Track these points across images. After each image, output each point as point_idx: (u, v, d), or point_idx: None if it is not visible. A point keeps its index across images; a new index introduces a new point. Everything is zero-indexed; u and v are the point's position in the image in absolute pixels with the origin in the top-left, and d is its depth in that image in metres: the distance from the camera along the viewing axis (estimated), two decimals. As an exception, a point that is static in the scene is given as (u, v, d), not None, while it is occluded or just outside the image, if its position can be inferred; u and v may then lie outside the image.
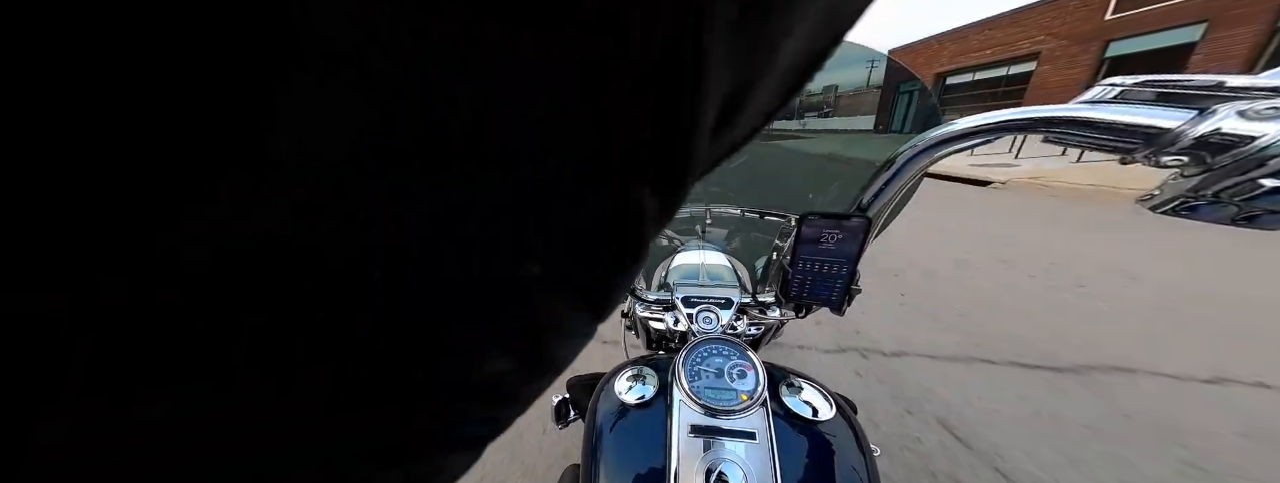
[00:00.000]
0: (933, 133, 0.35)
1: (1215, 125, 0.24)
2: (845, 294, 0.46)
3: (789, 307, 0.56)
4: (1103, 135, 0.27)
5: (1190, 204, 0.27)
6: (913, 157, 0.37)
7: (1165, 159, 0.26)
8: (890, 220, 0.53)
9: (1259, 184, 0.23)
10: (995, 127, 0.32)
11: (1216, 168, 0.25)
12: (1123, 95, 0.28)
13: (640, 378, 0.46)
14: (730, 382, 0.42)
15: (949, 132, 0.34)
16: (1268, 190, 0.23)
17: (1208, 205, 0.26)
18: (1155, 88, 0.27)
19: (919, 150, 0.36)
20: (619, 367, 0.49)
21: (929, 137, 0.35)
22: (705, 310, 0.57)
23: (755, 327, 0.61)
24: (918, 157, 0.37)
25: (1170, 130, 0.25)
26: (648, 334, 0.68)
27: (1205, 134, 0.24)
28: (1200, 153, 0.24)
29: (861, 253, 0.44)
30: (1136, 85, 0.28)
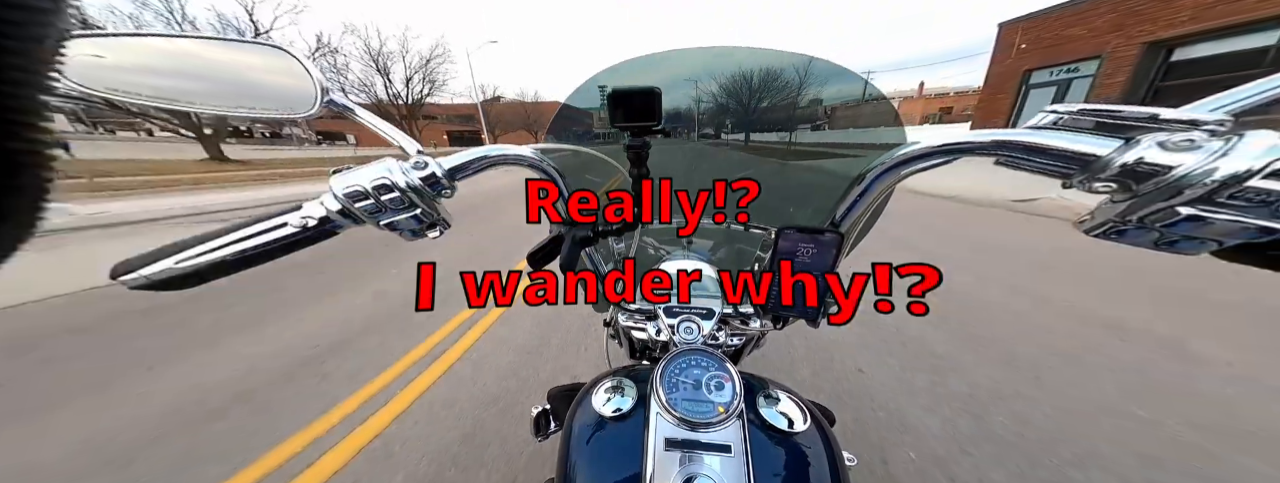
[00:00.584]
0: (897, 152, 0.37)
1: (1139, 154, 0.25)
2: (821, 306, 0.47)
3: (768, 318, 0.56)
4: (1046, 160, 0.29)
5: (1119, 228, 0.28)
6: (880, 174, 0.38)
7: (1096, 185, 0.27)
8: (862, 236, 0.55)
9: (1176, 211, 0.25)
10: (952, 148, 0.33)
11: (1140, 195, 0.26)
12: (1065, 122, 0.30)
13: (619, 390, 0.46)
14: (708, 394, 0.42)
15: (911, 151, 0.36)
16: (1184, 217, 0.25)
17: (1134, 230, 0.28)
18: (1093, 116, 0.29)
19: (886, 168, 0.38)
20: (598, 378, 0.49)
21: (894, 155, 0.37)
22: (686, 321, 0.58)
23: (737, 337, 0.62)
24: (884, 174, 0.38)
25: (1101, 157, 0.27)
26: (630, 344, 0.68)
27: (1129, 162, 0.25)
28: (1126, 180, 0.26)
29: (835, 267, 0.45)
30: (1077, 113, 0.29)
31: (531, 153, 0.43)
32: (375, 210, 0.36)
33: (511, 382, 1.81)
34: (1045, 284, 2.74)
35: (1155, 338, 2.03)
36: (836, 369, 1.84)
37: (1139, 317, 2.23)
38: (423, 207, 0.38)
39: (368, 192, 0.35)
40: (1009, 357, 1.91)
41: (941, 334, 2.11)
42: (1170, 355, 1.89)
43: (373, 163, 0.36)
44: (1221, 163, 0.23)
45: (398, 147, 0.41)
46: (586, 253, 0.56)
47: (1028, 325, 2.20)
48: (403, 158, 0.39)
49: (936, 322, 2.21)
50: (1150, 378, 1.73)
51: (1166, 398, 1.60)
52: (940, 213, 5.09)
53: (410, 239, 0.40)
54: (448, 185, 0.39)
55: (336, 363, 1.97)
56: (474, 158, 0.40)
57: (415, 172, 0.37)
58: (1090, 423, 1.48)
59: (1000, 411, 1.55)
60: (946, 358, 1.91)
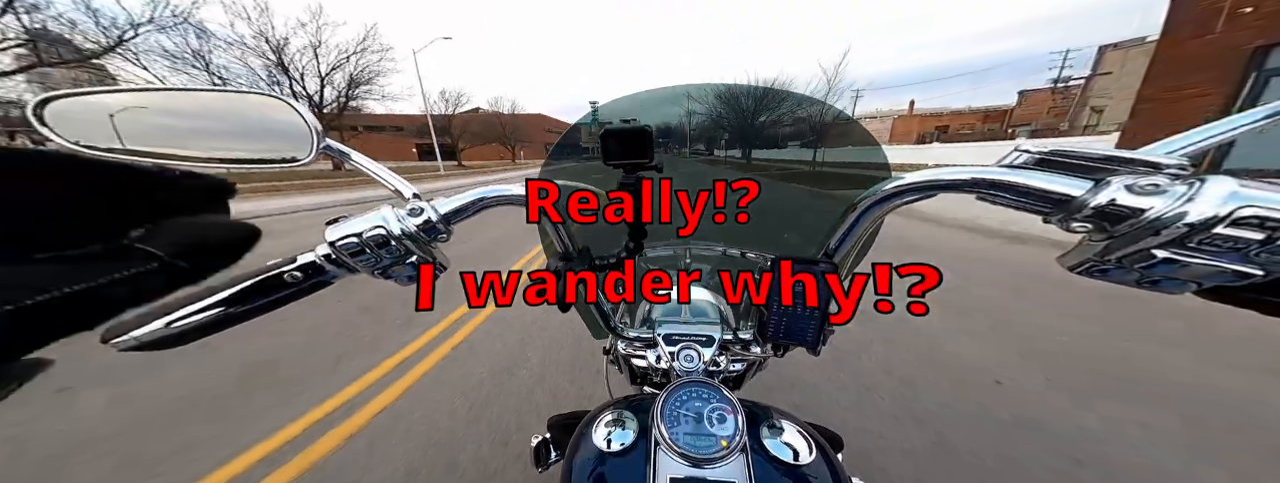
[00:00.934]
0: (885, 185, 0.38)
1: (1110, 196, 0.26)
2: (819, 336, 0.47)
3: (768, 345, 0.57)
4: (1023, 198, 0.30)
5: (1100, 267, 0.29)
6: (868, 206, 0.39)
7: (1073, 224, 0.28)
8: (856, 265, 0.56)
9: (1153, 254, 0.25)
10: (934, 185, 0.34)
11: (1116, 236, 0.27)
12: (1040, 161, 0.30)
13: (619, 423, 0.45)
14: (710, 427, 0.42)
15: (896, 186, 0.37)
16: (1161, 260, 0.25)
17: (1115, 269, 0.28)
18: (1064, 157, 0.29)
19: (873, 201, 0.39)
20: (599, 410, 0.49)
21: (882, 189, 0.38)
22: (686, 348, 0.58)
23: (738, 363, 0.62)
24: (873, 207, 0.39)
25: (1075, 198, 0.27)
26: (630, 371, 0.68)
27: (1102, 204, 0.26)
28: (1101, 221, 0.27)
29: (831, 297, 0.46)
30: (1050, 153, 0.30)
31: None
32: (371, 260, 0.36)
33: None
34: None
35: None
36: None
37: None
38: (418, 253, 0.37)
39: (363, 242, 0.35)
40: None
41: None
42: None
43: (368, 212, 0.36)
44: (1189, 208, 0.24)
45: (393, 190, 0.41)
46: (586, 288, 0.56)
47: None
48: (398, 202, 0.39)
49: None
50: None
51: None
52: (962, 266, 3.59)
53: (406, 285, 0.40)
54: (444, 230, 0.39)
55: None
56: (470, 201, 0.40)
57: (411, 218, 0.37)
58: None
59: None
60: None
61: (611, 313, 0.64)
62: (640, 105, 19.00)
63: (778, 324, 0.48)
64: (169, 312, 0.31)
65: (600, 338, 0.81)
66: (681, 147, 19.52)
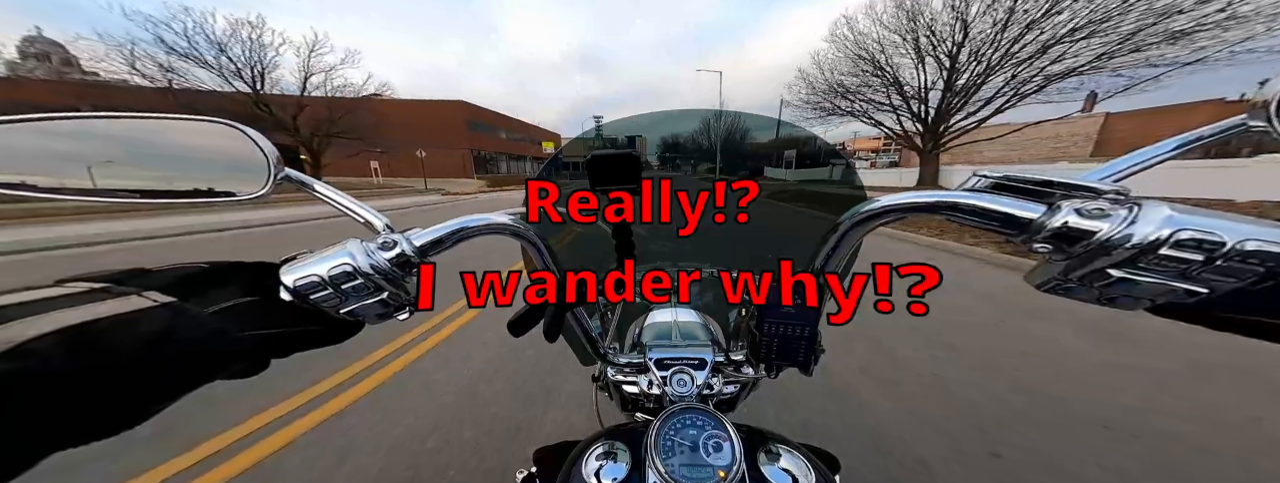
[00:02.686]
0: (863, 207, 0.39)
1: (1062, 220, 0.27)
2: (810, 355, 0.47)
3: (760, 366, 0.56)
4: (986, 221, 0.31)
5: (1063, 286, 0.31)
6: (850, 227, 0.40)
7: (1036, 245, 0.29)
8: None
9: (1108, 273, 0.27)
10: (906, 206, 0.35)
11: (1074, 256, 0.29)
12: (995, 185, 0.32)
13: (611, 455, 0.43)
14: (706, 456, 0.40)
15: (874, 208, 0.38)
16: (1116, 279, 0.27)
17: (1077, 288, 0.30)
18: (1017, 182, 0.31)
19: (855, 221, 0.40)
20: (589, 441, 0.47)
21: (861, 210, 0.39)
22: (679, 373, 0.57)
23: (731, 385, 0.61)
24: (854, 227, 0.40)
25: (1033, 221, 0.29)
26: (621, 398, 0.66)
27: (1057, 227, 0.27)
28: (1060, 243, 0.28)
29: (819, 317, 0.46)
30: (1003, 178, 0.32)
31: (510, 220, 0.42)
32: (334, 300, 0.33)
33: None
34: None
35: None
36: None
37: None
38: (390, 289, 0.35)
39: (325, 281, 0.32)
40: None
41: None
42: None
43: (331, 247, 0.34)
44: (1133, 231, 0.25)
45: (362, 222, 0.39)
46: (573, 314, 0.54)
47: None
48: (368, 236, 0.36)
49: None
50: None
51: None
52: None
53: (374, 323, 0.37)
54: (418, 263, 0.36)
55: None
56: (449, 232, 0.38)
57: (382, 253, 0.34)
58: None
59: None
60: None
61: (599, 338, 0.62)
62: (649, 123, 18.68)
63: (769, 346, 0.48)
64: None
65: (588, 364, 0.79)
66: (688, 163, 19.53)
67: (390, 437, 1.67)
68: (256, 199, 0.36)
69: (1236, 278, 0.24)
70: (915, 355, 2.37)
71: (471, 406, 1.89)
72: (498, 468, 1.49)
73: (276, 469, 1.50)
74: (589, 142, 66.99)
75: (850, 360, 2.28)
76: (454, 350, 2.48)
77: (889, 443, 1.62)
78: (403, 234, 0.36)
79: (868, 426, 1.73)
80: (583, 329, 0.59)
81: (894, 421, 1.77)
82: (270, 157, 0.36)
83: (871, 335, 2.59)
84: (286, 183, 0.37)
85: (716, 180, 4.06)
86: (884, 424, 1.74)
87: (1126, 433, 1.68)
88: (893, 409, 1.85)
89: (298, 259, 0.33)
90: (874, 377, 2.13)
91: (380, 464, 1.51)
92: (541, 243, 0.45)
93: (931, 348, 2.46)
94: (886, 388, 2.03)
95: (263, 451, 1.58)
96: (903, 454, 1.56)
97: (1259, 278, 0.24)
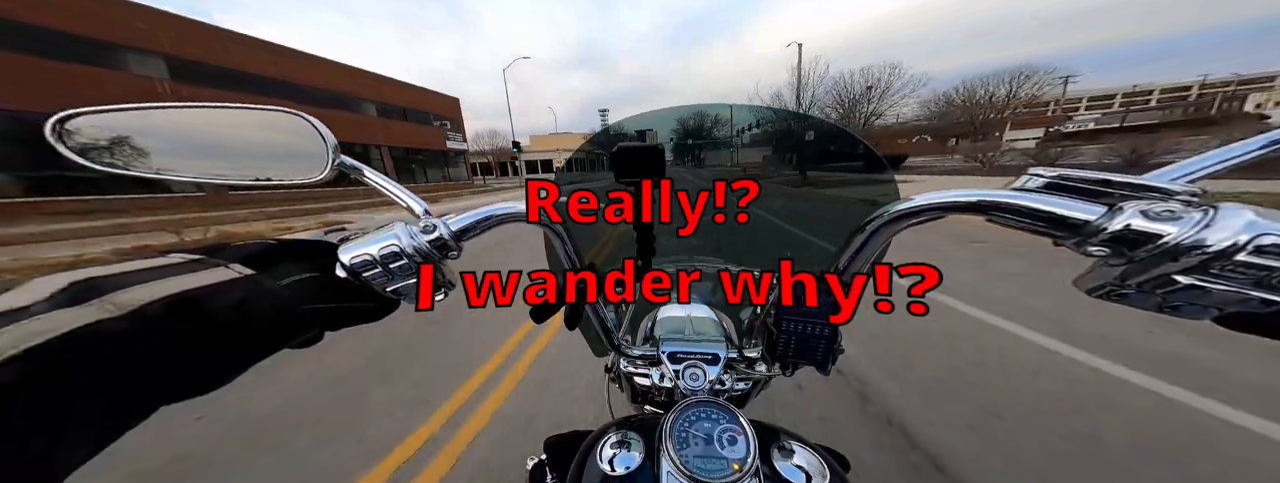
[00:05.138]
0: (894, 206, 0.38)
1: (1125, 222, 0.26)
2: (829, 355, 0.47)
3: (775, 365, 0.56)
4: (1035, 222, 0.30)
5: (1119, 291, 0.29)
6: (879, 226, 0.40)
7: (1090, 248, 0.28)
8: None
9: (1175, 279, 0.25)
10: (944, 206, 0.34)
11: (1135, 261, 0.27)
12: (1049, 185, 0.31)
13: (625, 445, 0.44)
14: (720, 449, 0.41)
15: (908, 207, 0.37)
16: (1183, 286, 0.25)
17: (1135, 294, 0.28)
18: (1075, 181, 0.30)
19: (884, 221, 0.39)
20: (602, 430, 0.48)
21: (892, 210, 0.38)
22: (692, 367, 0.57)
23: (743, 382, 0.61)
24: (882, 227, 0.39)
25: (1090, 223, 0.27)
26: (633, 389, 0.67)
27: (1118, 229, 0.26)
28: (1119, 246, 0.27)
29: (837, 307, 0.46)
30: (1058, 177, 0.30)
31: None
32: (382, 278, 0.36)
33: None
34: None
35: None
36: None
37: None
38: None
39: (376, 260, 0.35)
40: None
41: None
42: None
43: (381, 229, 0.36)
44: (1206, 235, 0.24)
45: (405, 207, 0.41)
46: (591, 305, 0.56)
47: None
48: (411, 219, 0.39)
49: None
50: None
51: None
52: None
53: (413, 302, 0.39)
54: (455, 247, 0.39)
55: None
56: (480, 218, 0.40)
57: (423, 236, 0.37)
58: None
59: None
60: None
61: (615, 330, 0.64)
62: (658, 120, 18.32)
63: (786, 344, 0.48)
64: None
65: (601, 355, 0.80)
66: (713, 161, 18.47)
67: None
68: (318, 182, 0.40)
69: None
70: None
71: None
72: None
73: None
74: (599, 135, 64.39)
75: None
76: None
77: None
78: (441, 219, 0.39)
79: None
80: (599, 320, 0.60)
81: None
82: (330, 143, 0.40)
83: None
84: (343, 167, 0.40)
85: (725, 180, 3.87)
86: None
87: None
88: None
89: (352, 239, 0.36)
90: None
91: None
92: (565, 233, 0.46)
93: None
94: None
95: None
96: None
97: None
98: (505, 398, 2.02)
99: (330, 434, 1.78)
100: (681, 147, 15.00)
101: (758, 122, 8.94)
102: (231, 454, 1.67)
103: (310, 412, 1.95)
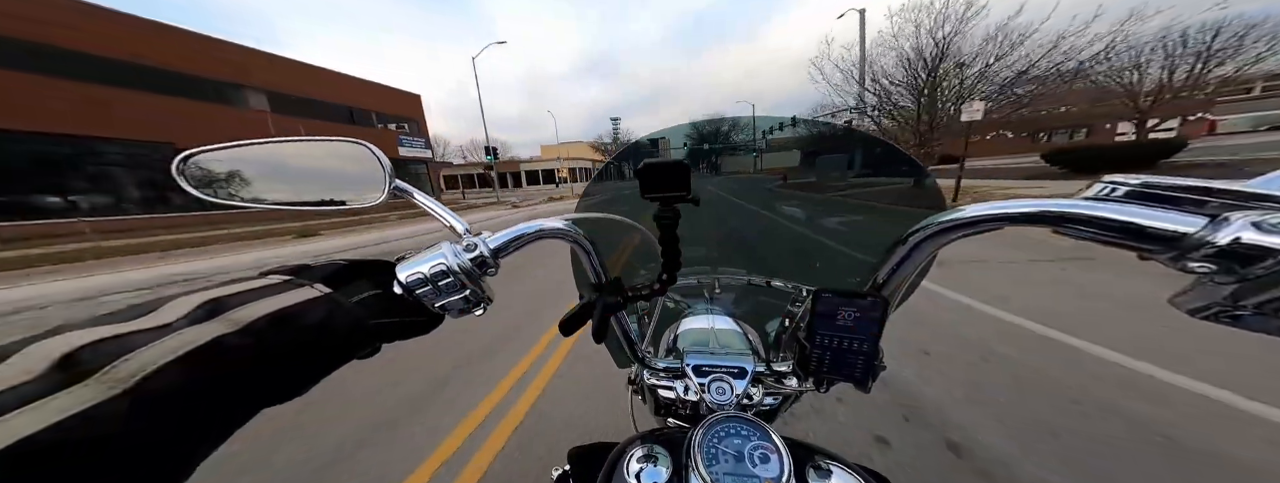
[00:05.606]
0: (942, 217, 0.35)
1: (1235, 235, 0.23)
2: (868, 371, 0.45)
3: (809, 380, 0.54)
4: (1115, 234, 0.27)
5: (1231, 313, 0.26)
6: (923, 239, 0.37)
7: (1191, 264, 0.25)
8: (905, 299, 0.53)
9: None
10: (1001, 217, 0.31)
11: (1250, 278, 0.24)
12: (1132, 193, 0.28)
13: (652, 459, 0.43)
14: (752, 467, 0.40)
15: (957, 218, 0.34)
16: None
17: (1252, 316, 0.25)
18: (1161, 189, 0.27)
19: (929, 233, 0.36)
20: (628, 443, 0.48)
21: (939, 220, 0.35)
22: (718, 380, 0.56)
23: (771, 397, 0.59)
24: (927, 240, 0.37)
25: (1189, 235, 0.24)
26: (656, 402, 0.66)
27: (1228, 244, 0.23)
28: (1228, 262, 0.24)
29: (881, 331, 0.43)
30: (1143, 185, 0.27)
31: (566, 226, 0.45)
32: (432, 294, 0.38)
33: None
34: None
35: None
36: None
37: None
38: (471, 287, 0.40)
39: (427, 278, 0.37)
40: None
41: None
42: None
43: (431, 249, 0.39)
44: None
45: (448, 226, 0.45)
46: (615, 317, 0.56)
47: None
48: (454, 238, 0.42)
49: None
50: None
51: None
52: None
53: (456, 317, 0.42)
54: (493, 264, 0.41)
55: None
56: (516, 236, 0.42)
57: (466, 254, 0.39)
58: None
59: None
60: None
61: (638, 341, 0.63)
62: (677, 132, 18.01)
63: (820, 359, 0.46)
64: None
65: (625, 367, 0.80)
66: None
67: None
68: (376, 205, 0.44)
69: None
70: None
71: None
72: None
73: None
74: (627, 149, 62.10)
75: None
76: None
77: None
78: (480, 237, 0.41)
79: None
80: (623, 332, 0.60)
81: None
82: (387, 169, 0.44)
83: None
84: (397, 192, 0.45)
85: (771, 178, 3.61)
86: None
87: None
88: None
89: (407, 258, 0.40)
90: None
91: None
92: (592, 247, 0.47)
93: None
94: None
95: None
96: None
97: None
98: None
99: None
100: (697, 152, 13.97)
101: (780, 125, 8.45)
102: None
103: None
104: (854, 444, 1.58)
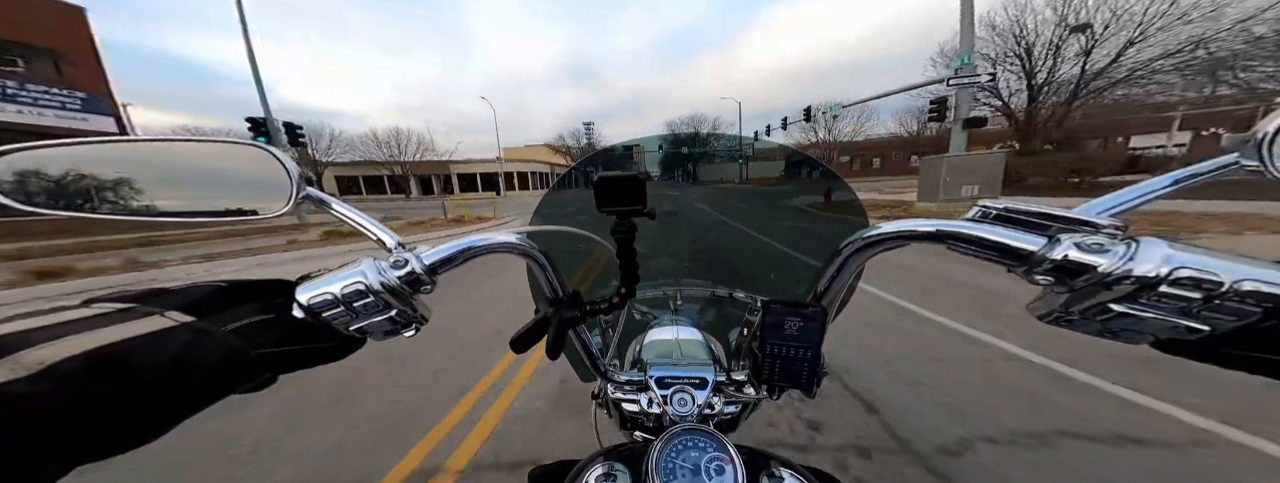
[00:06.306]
0: (864, 233, 0.39)
1: (1063, 253, 0.27)
2: (813, 378, 0.47)
3: (763, 388, 0.56)
4: (987, 251, 0.31)
5: (1065, 318, 0.31)
6: (852, 252, 0.41)
7: (1037, 277, 0.30)
8: (841, 309, 0.57)
9: (1109, 307, 0.27)
10: (907, 234, 0.36)
11: (1075, 289, 0.29)
12: (999, 216, 0.32)
13: (610, 478, 0.42)
14: (707, 479, 0.40)
15: (874, 234, 0.38)
16: (1117, 314, 0.27)
17: (1079, 320, 0.30)
18: (1018, 214, 0.32)
19: (857, 247, 0.40)
20: (587, 462, 0.46)
21: (864, 235, 0.39)
22: (680, 392, 0.56)
23: (732, 406, 0.60)
24: (856, 253, 0.40)
25: (1034, 253, 0.29)
26: (621, 416, 0.65)
27: (1058, 259, 0.27)
28: (1062, 275, 0.28)
29: (821, 339, 0.46)
30: (1004, 209, 0.32)
31: (517, 239, 0.43)
32: (345, 317, 0.34)
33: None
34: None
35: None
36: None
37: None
38: (398, 307, 0.35)
39: (339, 299, 0.33)
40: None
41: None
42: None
43: (346, 266, 0.35)
44: (1132, 267, 0.25)
45: (375, 239, 0.40)
46: (575, 331, 0.54)
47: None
48: (381, 254, 0.37)
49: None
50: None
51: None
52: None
53: (380, 339, 0.37)
54: (428, 282, 0.37)
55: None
56: (457, 250, 0.39)
57: (393, 271, 0.35)
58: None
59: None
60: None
61: (600, 355, 0.62)
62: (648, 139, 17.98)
63: (772, 367, 0.48)
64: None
65: (588, 381, 0.78)
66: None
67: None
68: (279, 217, 0.38)
69: (1236, 317, 0.24)
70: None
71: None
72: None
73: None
74: (597, 155, 61.89)
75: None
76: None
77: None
78: (413, 253, 0.37)
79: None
80: (583, 346, 0.59)
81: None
82: (293, 176, 0.38)
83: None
84: (308, 200, 0.39)
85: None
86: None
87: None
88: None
89: (312, 278, 0.34)
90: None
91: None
92: (547, 262, 0.45)
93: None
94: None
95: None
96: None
97: (1261, 317, 0.24)
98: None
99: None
100: (670, 161, 14.75)
101: (745, 140, 9.12)
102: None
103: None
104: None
